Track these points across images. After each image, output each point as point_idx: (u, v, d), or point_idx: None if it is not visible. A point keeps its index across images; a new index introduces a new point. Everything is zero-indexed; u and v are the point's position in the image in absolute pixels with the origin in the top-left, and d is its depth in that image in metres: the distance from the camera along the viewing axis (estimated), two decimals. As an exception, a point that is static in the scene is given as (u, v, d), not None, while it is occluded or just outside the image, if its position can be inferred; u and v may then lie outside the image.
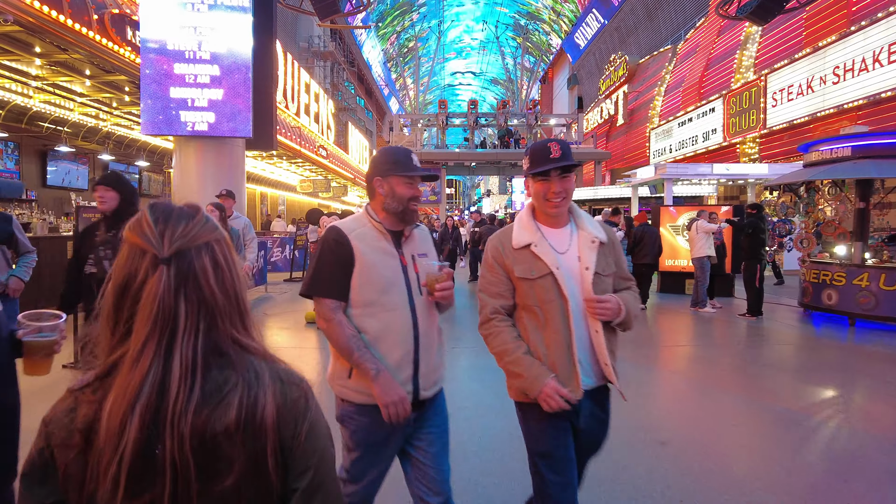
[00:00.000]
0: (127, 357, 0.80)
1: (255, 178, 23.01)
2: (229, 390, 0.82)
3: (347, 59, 40.59)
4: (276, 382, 0.87)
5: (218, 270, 0.87)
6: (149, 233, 0.84)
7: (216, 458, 0.80)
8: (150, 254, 0.82)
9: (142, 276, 0.82)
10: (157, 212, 0.87)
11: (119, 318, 0.83)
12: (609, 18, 33.52)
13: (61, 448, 0.79)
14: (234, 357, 0.86)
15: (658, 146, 24.70)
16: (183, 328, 0.82)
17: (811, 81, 14.71)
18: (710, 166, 13.03)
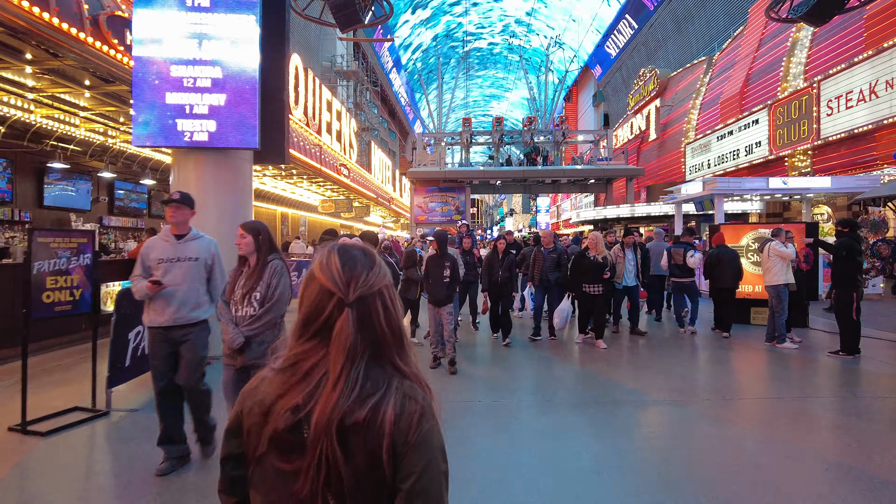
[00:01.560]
0: (329, 378, 1.02)
1: (275, 198, 22.37)
2: (367, 396, 1.02)
3: (370, 78, 40.25)
4: (399, 396, 1.04)
5: (387, 312, 1.09)
6: (337, 279, 1.06)
7: (347, 445, 0.99)
8: (338, 297, 1.05)
9: (329, 312, 1.05)
10: (344, 258, 1.09)
11: (304, 332, 1.07)
12: (643, 24, 32.36)
13: (247, 415, 1.08)
14: (384, 375, 1.06)
15: (694, 161, 23.42)
16: (359, 355, 1.04)
17: (875, 86, 13.41)
18: (766, 180, 11.79)
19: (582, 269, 7.41)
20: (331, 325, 1.04)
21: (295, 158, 14.84)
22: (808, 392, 5.32)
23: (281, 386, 1.05)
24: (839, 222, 6.70)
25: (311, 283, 1.07)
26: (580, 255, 7.49)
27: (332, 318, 1.04)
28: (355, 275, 1.06)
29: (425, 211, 27.54)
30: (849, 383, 5.66)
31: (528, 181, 26.66)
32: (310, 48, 30.94)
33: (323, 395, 1.00)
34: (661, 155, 27.86)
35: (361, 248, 1.13)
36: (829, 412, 4.70)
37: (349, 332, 1.02)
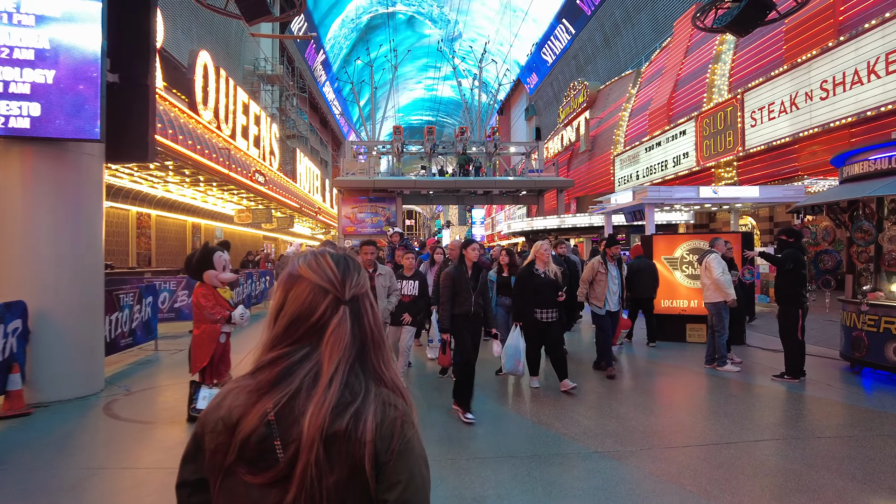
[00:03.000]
0: (321, 381, 0.96)
1: (185, 208, 20.47)
2: (347, 404, 0.96)
3: (298, 85, 38.60)
4: (379, 404, 0.99)
5: (373, 312, 1.07)
6: (333, 278, 1.03)
7: (329, 455, 0.93)
8: (333, 295, 1.02)
9: (322, 312, 1.00)
10: (336, 259, 1.07)
11: (288, 336, 1.00)
12: (580, 29, 32.39)
13: (210, 434, 0.98)
14: (360, 381, 1.01)
15: (623, 173, 23.43)
16: (351, 356, 1.01)
17: (795, 98, 13.46)
18: (696, 189, 11.45)
19: (531, 290, 5.75)
20: (322, 325, 1.00)
21: (196, 162, 13.31)
22: (759, 432, 4.56)
23: (253, 393, 0.98)
24: (783, 232, 6.11)
25: (299, 283, 1.02)
26: (527, 273, 5.83)
27: (325, 317, 1.00)
28: (349, 274, 1.05)
29: (354, 222, 26.23)
30: (800, 417, 4.98)
31: (460, 192, 25.93)
32: (230, 49, 29.10)
33: (314, 398, 0.95)
34: (591, 167, 27.90)
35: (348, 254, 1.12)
36: (786, 461, 3.92)
37: (346, 329, 1.00)
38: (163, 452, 4.11)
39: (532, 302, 5.75)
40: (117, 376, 6.51)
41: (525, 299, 5.81)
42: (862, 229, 5.79)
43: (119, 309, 6.93)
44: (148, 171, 14.02)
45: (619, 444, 4.19)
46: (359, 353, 1.02)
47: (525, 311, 5.78)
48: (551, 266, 5.86)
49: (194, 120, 15.17)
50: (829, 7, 12.85)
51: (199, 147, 13.67)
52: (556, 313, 5.80)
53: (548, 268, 5.81)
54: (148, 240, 18.18)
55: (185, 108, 14.93)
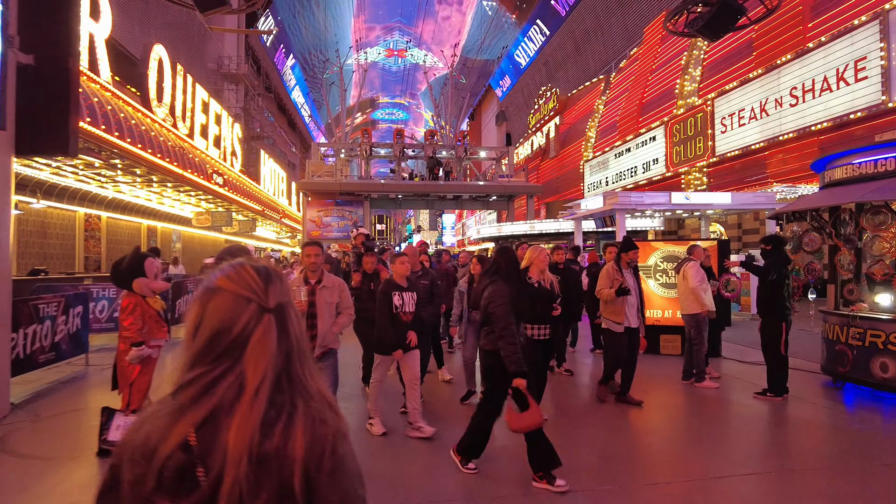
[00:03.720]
0: (244, 396, 0.89)
1: (140, 210, 19.47)
2: (275, 420, 0.90)
3: (265, 85, 37.63)
4: (309, 419, 0.92)
5: (298, 320, 1.02)
6: (255, 286, 0.97)
7: (255, 476, 0.87)
8: (256, 304, 0.95)
9: (245, 323, 0.93)
10: (257, 267, 1.01)
11: (208, 354, 0.92)
12: (555, 30, 32.14)
13: (128, 463, 0.90)
14: (291, 394, 0.95)
15: (593, 179, 23.27)
16: (277, 368, 0.94)
17: (765, 104, 13.37)
18: (668, 195, 11.19)
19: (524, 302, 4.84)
20: (245, 338, 0.93)
21: (145, 161, 12.47)
22: (748, 463, 4.14)
23: (172, 415, 0.90)
24: (763, 240, 5.76)
25: (218, 295, 0.96)
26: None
27: (248, 328, 0.94)
28: (272, 281, 1.00)
29: (319, 226, 25.47)
30: (790, 443, 4.59)
31: (430, 196, 25.44)
32: (191, 46, 28.07)
33: (238, 412, 0.89)
34: (561, 173, 27.74)
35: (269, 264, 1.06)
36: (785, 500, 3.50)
37: (272, 339, 0.95)
38: (60, 497, 3.45)
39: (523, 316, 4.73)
40: (31, 398, 5.76)
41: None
42: (847, 236, 5.46)
43: (38, 321, 6.16)
44: (94, 170, 13.11)
45: (595, 482, 3.69)
46: (285, 364, 0.96)
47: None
48: (547, 275, 5.04)
49: (144, 116, 14.29)
50: (799, 14, 12.81)
51: (150, 145, 12.83)
52: (550, 330, 4.98)
53: (543, 277, 4.97)
54: (97, 243, 17.14)
55: (135, 104, 14.06)
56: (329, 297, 4.25)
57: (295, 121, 51.70)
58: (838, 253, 5.80)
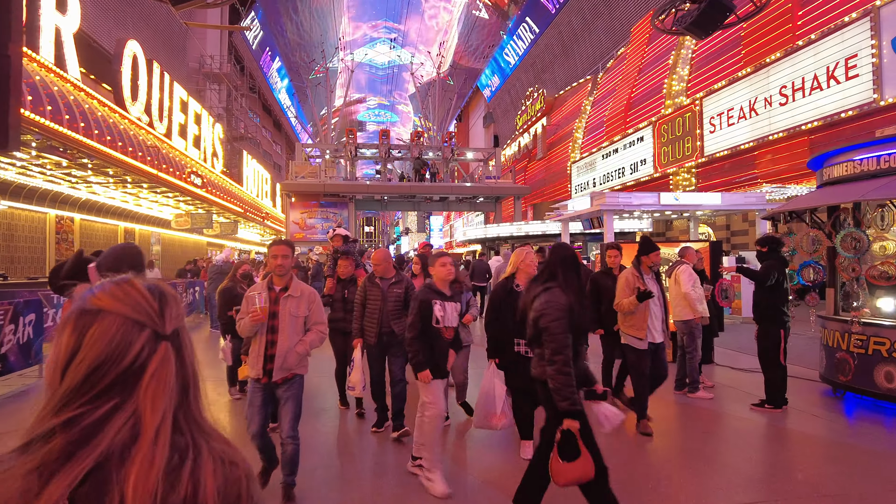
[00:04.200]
0: (144, 433, 0.76)
1: (116, 212, 18.88)
2: (177, 465, 0.77)
3: (249, 85, 37.03)
4: (217, 462, 0.81)
5: (191, 348, 0.88)
6: (149, 309, 0.83)
7: None
8: (150, 330, 0.81)
9: (137, 352, 0.79)
10: (149, 286, 0.86)
11: (88, 390, 0.76)
12: (545, 28, 31.79)
13: None
14: (189, 432, 0.82)
15: (580, 180, 23.02)
16: (174, 403, 0.81)
17: (754, 103, 13.15)
18: (657, 195, 10.91)
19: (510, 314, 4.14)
20: (137, 370, 0.79)
21: (115, 160, 11.94)
22: (751, 489, 3.79)
23: (34, 473, 0.71)
24: (759, 241, 5.43)
25: (101, 319, 0.79)
26: (503, 292, 4.33)
27: (142, 358, 0.79)
28: (167, 301, 0.85)
29: (303, 228, 25.00)
30: (794, 463, 4.25)
31: (416, 197, 25.06)
32: (172, 44, 27.45)
33: (135, 463, 0.74)
34: (548, 174, 27.48)
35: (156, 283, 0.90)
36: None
37: (171, 370, 0.81)
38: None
39: (512, 330, 4.12)
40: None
41: (502, 326, 4.23)
42: (852, 238, 5.14)
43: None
44: (63, 170, 12.57)
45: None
46: (181, 399, 0.82)
47: (502, 343, 4.25)
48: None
49: (118, 114, 13.78)
50: (788, 12, 12.60)
51: (121, 144, 12.32)
52: None
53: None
54: (70, 246, 16.53)
55: (107, 102, 13.55)
56: (295, 308, 3.56)
57: (281, 122, 51.09)
58: (838, 255, 5.49)
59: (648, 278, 4.82)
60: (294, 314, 3.55)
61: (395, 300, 4.89)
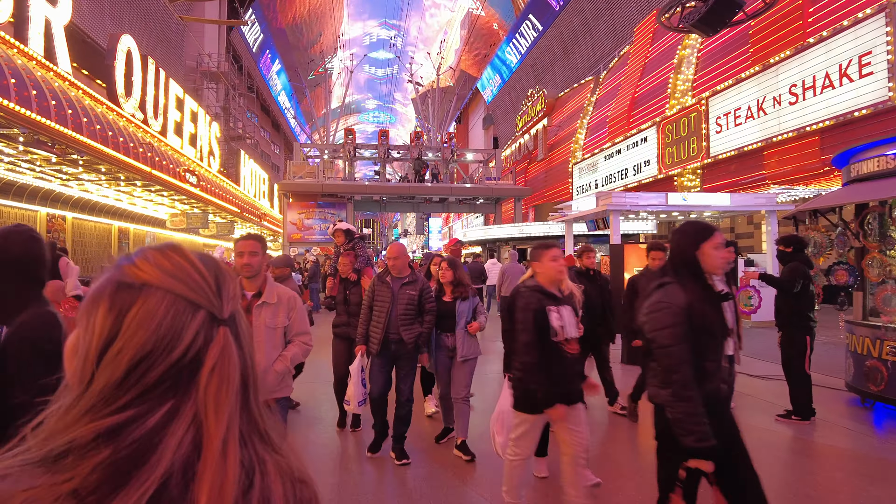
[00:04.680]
0: (210, 445, 0.60)
1: (111, 211, 18.55)
2: (248, 487, 0.63)
3: (247, 85, 36.68)
4: (286, 481, 0.67)
5: (249, 335, 0.72)
6: (205, 285, 0.67)
7: None
8: (206, 312, 0.66)
9: (192, 338, 0.63)
10: (205, 259, 0.70)
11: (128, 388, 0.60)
12: (548, 26, 31.42)
13: None
14: (252, 442, 0.67)
15: (582, 181, 22.71)
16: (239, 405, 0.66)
17: (763, 103, 12.85)
18: (664, 195, 10.61)
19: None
20: (190, 362, 0.62)
21: (103, 154, 11.59)
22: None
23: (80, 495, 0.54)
24: (780, 240, 5.10)
25: (146, 297, 0.63)
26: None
27: (195, 347, 0.63)
28: (224, 278, 0.69)
29: (301, 228, 24.73)
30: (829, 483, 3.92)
31: (415, 199, 24.77)
32: (169, 42, 27.12)
33: (204, 480, 0.58)
34: (549, 175, 27.19)
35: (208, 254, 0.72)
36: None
37: (235, 363, 0.65)
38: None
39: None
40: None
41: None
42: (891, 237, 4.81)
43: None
44: (53, 166, 12.22)
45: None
46: (242, 399, 0.67)
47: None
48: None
49: (110, 110, 13.45)
50: (799, 8, 12.31)
51: (113, 140, 11.98)
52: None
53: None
54: (62, 245, 16.18)
55: (100, 97, 13.21)
56: (272, 318, 2.94)
57: (279, 123, 50.77)
58: (867, 256, 5.17)
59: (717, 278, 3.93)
60: (271, 325, 2.94)
61: (408, 303, 4.28)
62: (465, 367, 4.49)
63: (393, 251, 4.42)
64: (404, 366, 4.35)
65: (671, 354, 2.17)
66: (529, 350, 2.88)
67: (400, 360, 4.34)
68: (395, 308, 4.25)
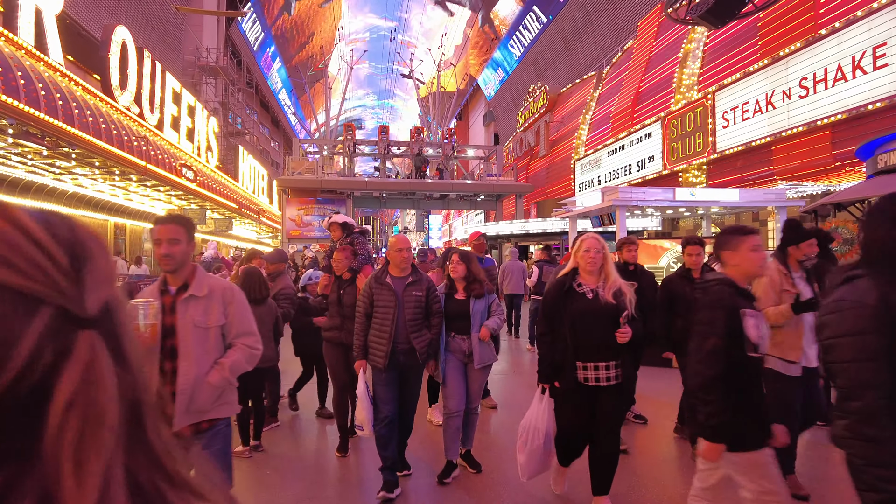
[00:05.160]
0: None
1: (105, 206, 18.28)
2: None
3: (246, 80, 36.36)
4: None
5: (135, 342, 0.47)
6: (51, 268, 0.42)
7: None
8: (52, 308, 0.41)
9: (31, 350, 0.39)
10: (54, 226, 0.44)
11: None
12: (554, 15, 30.92)
13: None
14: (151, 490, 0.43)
15: (584, 178, 22.42)
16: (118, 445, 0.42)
17: (771, 97, 12.56)
18: (672, 191, 10.33)
19: (569, 325, 3.16)
20: (25, 394, 0.38)
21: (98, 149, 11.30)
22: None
23: None
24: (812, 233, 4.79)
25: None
26: (559, 293, 3.21)
27: (36, 369, 0.39)
28: (88, 256, 0.44)
29: (299, 225, 24.45)
30: None
31: (416, 195, 24.49)
32: (167, 36, 26.84)
33: None
34: (551, 172, 26.91)
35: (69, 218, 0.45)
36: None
37: (108, 384, 0.41)
38: None
39: (575, 345, 3.10)
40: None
41: (556, 341, 3.21)
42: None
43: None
44: (44, 159, 11.94)
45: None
46: (131, 433, 0.44)
47: (557, 364, 3.19)
48: (613, 280, 3.12)
49: (104, 102, 13.16)
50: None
51: (105, 132, 11.69)
52: (617, 369, 3.11)
53: (605, 285, 3.13)
54: (55, 241, 15.90)
55: (93, 89, 12.92)
56: (203, 315, 2.36)
57: (279, 119, 50.46)
58: None
59: (798, 277, 3.49)
60: (202, 324, 2.34)
61: (415, 306, 3.74)
62: (482, 375, 4.01)
63: (400, 241, 3.79)
64: (412, 378, 3.85)
65: (852, 373, 1.56)
66: (712, 362, 2.24)
67: (408, 372, 3.81)
68: (401, 313, 3.70)
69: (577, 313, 3.10)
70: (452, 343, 3.96)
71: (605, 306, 3.06)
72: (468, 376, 3.96)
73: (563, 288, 3.18)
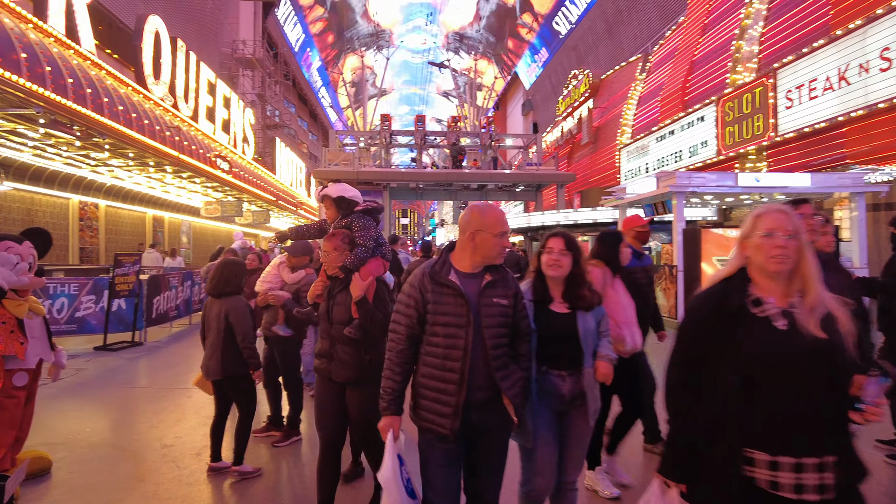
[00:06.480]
0: None
1: (144, 199, 18.32)
2: None
3: (283, 73, 36.34)
4: None
5: None
6: None
7: None
8: None
9: None
10: None
11: None
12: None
13: None
14: None
15: (630, 166, 21.34)
16: None
17: (845, 72, 11.37)
18: (734, 176, 9.39)
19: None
20: None
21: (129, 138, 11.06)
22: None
23: None
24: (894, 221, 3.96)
25: None
26: (719, 309, 1.70)
27: None
28: None
29: (336, 217, 24.04)
30: None
31: (453, 186, 23.83)
32: (203, 29, 26.86)
33: None
34: (594, 160, 25.82)
35: None
36: None
37: None
38: None
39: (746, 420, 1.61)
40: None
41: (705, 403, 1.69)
42: None
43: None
44: (78, 150, 11.80)
45: None
46: None
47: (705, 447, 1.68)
48: (816, 292, 1.64)
49: (141, 94, 12.98)
50: (891, -39, 10.77)
51: (137, 121, 11.45)
52: (836, 468, 1.56)
53: (803, 301, 1.64)
54: (94, 233, 15.96)
55: (126, 79, 12.74)
56: None
57: (317, 112, 50.52)
58: None
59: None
60: None
61: (500, 323, 2.21)
62: (587, 430, 2.60)
63: (495, 215, 2.25)
64: (495, 450, 2.29)
65: None
66: None
67: (487, 438, 2.26)
68: (479, 337, 2.15)
69: (757, 356, 1.61)
70: (545, 382, 2.50)
71: (810, 343, 1.58)
72: (567, 433, 2.56)
73: (727, 306, 1.69)
